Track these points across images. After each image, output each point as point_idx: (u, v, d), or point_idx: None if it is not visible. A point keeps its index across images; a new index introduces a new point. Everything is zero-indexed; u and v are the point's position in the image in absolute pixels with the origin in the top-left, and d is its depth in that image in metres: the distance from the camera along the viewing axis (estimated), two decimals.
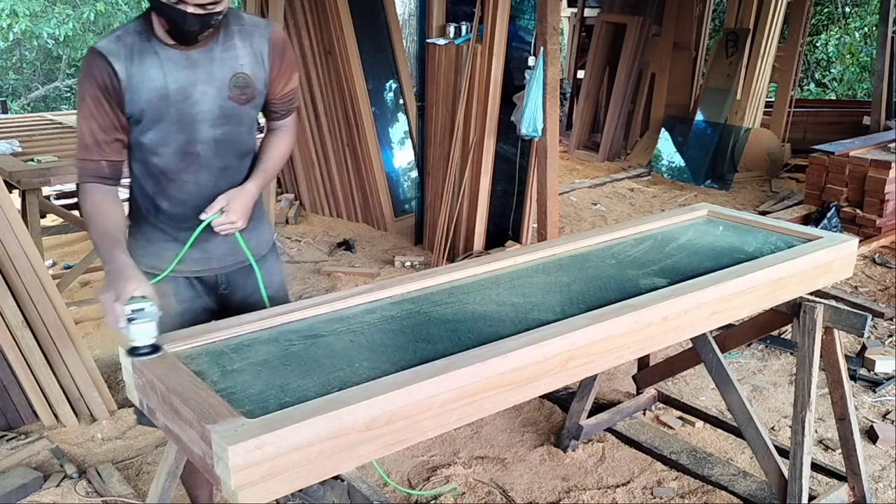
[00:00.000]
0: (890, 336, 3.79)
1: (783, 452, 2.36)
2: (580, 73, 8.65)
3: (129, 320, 1.52)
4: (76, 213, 5.18)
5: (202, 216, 1.84)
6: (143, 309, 1.52)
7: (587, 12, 8.70)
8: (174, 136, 1.83)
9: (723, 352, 2.43)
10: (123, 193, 1.87)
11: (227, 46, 1.83)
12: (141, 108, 1.78)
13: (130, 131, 1.82)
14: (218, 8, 1.70)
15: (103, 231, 1.75)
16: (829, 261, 2.22)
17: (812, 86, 12.06)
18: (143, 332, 1.54)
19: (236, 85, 1.85)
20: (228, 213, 1.85)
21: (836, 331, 2.27)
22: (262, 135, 2.06)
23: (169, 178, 1.88)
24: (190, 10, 1.66)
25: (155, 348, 1.55)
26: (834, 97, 11.54)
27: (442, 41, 4.67)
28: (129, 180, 1.95)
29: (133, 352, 1.54)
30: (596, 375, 2.68)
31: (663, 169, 7.46)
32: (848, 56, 11.57)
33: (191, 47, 1.78)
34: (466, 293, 1.94)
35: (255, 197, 1.92)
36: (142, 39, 1.77)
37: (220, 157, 1.89)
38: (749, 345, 3.66)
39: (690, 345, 2.47)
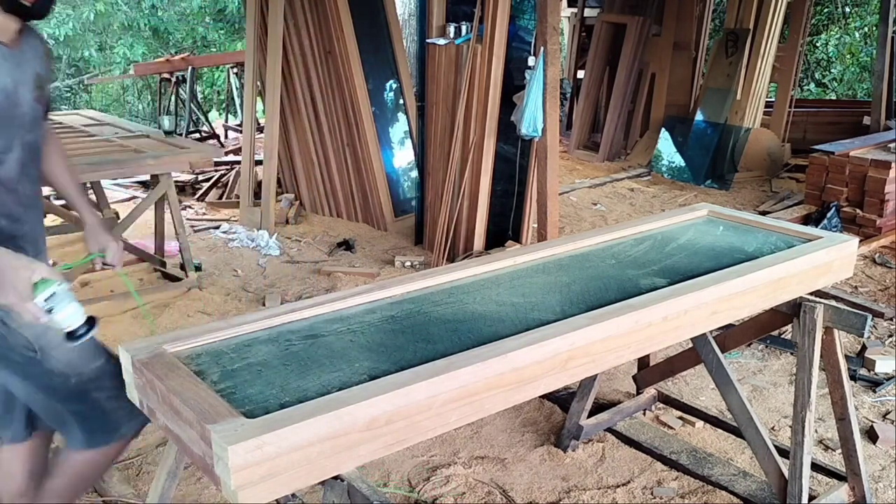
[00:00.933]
0: (890, 336, 3.79)
1: (783, 452, 2.36)
2: (580, 73, 8.66)
3: (49, 311, 1.40)
4: (76, 212, 5.18)
5: (90, 252, 1.81)
6: (53, 293, 1.39)
7: (587, 12, 8.71)
8: (12, 142, 1.66)
9: (723, 352, 2.42)
10: None
11: (29, 45, 1.71)
12: None
13: None
14: None
15: None
16: (829, 261, 2.22)
17: (812, 86, 12.07)
18: (71, 315, 1.43)
19: (38, 86, 1.73)
20: (109, 246, 1.87)
21: (836, 331, 2.27)
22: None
23: (9, 189, 1.68)
24: None
25: (90, 321, 1.45)
26: (834, 97, 11.55)
27: (442, 41, 4.67)
28: None
29: (72, 336, 1.43)
30: (596, 375, 2.68)
31: (663, 169, 7.46)
32: (848, 56, 11.57)
33: (13, 43, 1.63)
34: (466, 293, 1.94)
35: (97, 215, 1.88)
36: None
37: (35, 165, 1.76)
38: (749, 345, 3.66)
39: (690, 345, 2.47)
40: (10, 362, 1.72)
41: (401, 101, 5.72)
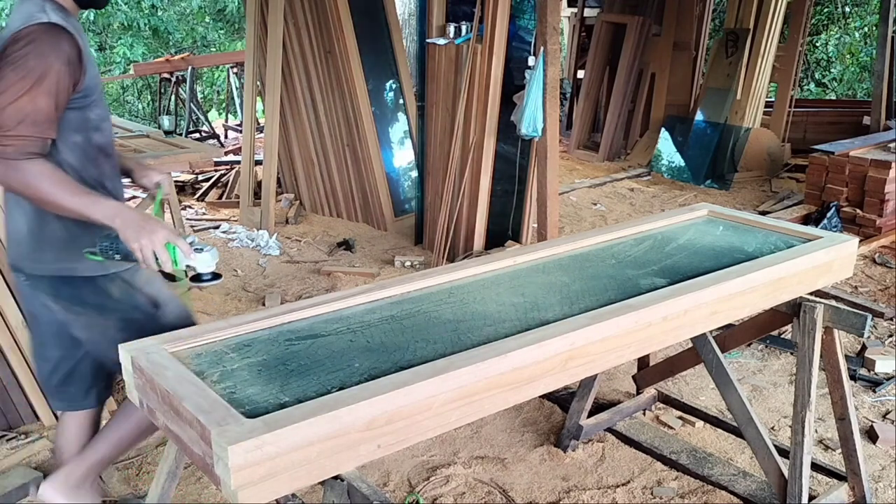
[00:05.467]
0: (890, 336, 3.79)
1: (783, 452, 2.36)
2: (580, 73, 8.66)
3: (197, 251, 1.66)
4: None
5: (155, 189, 1.99)
6: (193, 240, 1.66)
7: (587, 12, 8.71)
8: (106, 111, 1.85)
9: (723, 352, 2.42)
10: None
11: None
12: (90, 84, 1.76)
13: (80, 109, 1.77)
14: None
15: (85, 190, 1.71)
16: (829, 261, 2.22)
17: (812, 86, 12.07)
18: (208, 260, 1.67)
19: None
20: (165, 183, 2.02)
21: (836, 331, 2.27)
22: None
23: (107, 154, 1.87)
24: None
25: (216, 275, 1.68)
26: (834, 97, 11.55)
27: (442, 41, 4.67)
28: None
29: (197, 279, 1.65)
30: (596, 375, 2.68)
31: (663, 169, 7.46)
32: (848, 56, 11.58)
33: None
34: (466, 293, 1.94)
35: None
36: (66, 15, 1.74)
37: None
38: (749, 345, 3.66)
39: (690, 345, 2.47)
40: (130, 322, 1.89)
41: (401, 101, 5.72)
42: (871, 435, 2.93)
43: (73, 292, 1.86)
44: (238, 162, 6.38)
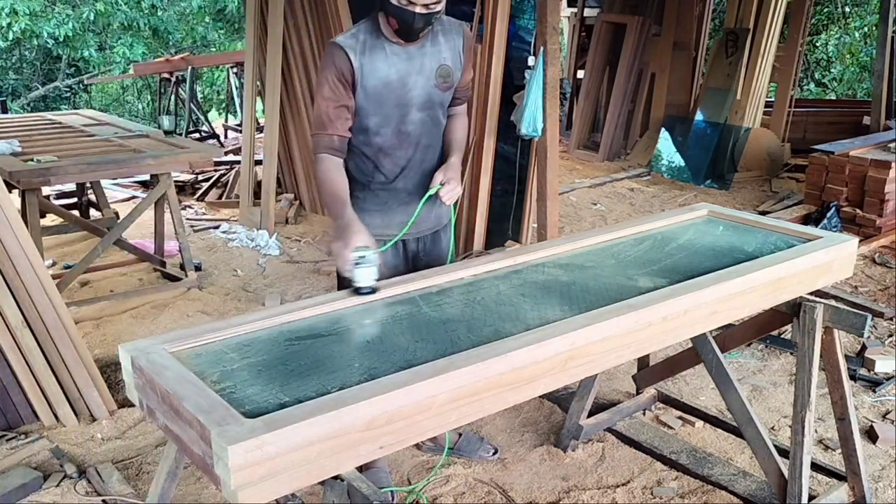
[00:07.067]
0: (890, 336, 3.79)
1: (783, 452, 2.36)
2: (580, 73, 8.65)
3: (356, 265, 1.88)
4: (76, 212, 5.18)
5: (432, 186, 2.20)
6: (365, 256, 1.88)
7: (587, 12, 8.71)
8: (392, 118, 2.20)
9: (723, 352, 2.42)
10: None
11: (434, 42, 2.21)
12: (367, 94, 2.14)
13: (356, 115, 2.18)
14: (438, 7, 2.06)
15: (333, 193, 2.13)
16: (829, 261, 2.22)
17: (812, 86, 12.08)
18: (366, 275, 1.88)
19: (440, 74, 2.23)
20: (449, 182, 2.19)
21: (835, 331, 2.26)
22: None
23: (385, 153, 2.26)
24: (417, 10, 2.02)
25: (373, 290, 1.89)
26: (834, 97, 11.55)
27: None
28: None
29: (357, 291, 1.88)
30: (596, 375, 2.68)
31: (663, 169, 7.46)
32: (848, 56, 11.58)
33: (409, 43, 2.14)
34: (466, 293, 1.94)
35: (460, 167, 2.30)
36: (372, 37, 2.15)
37: (424, 135, 2.28)
38: (749, 345, 3.66)
39: (690, 345, 2.47)
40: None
41: None
42: (871, 435, 2.93)
43: None
44: (238, 162, 6.38)
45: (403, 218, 2.28)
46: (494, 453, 2.78)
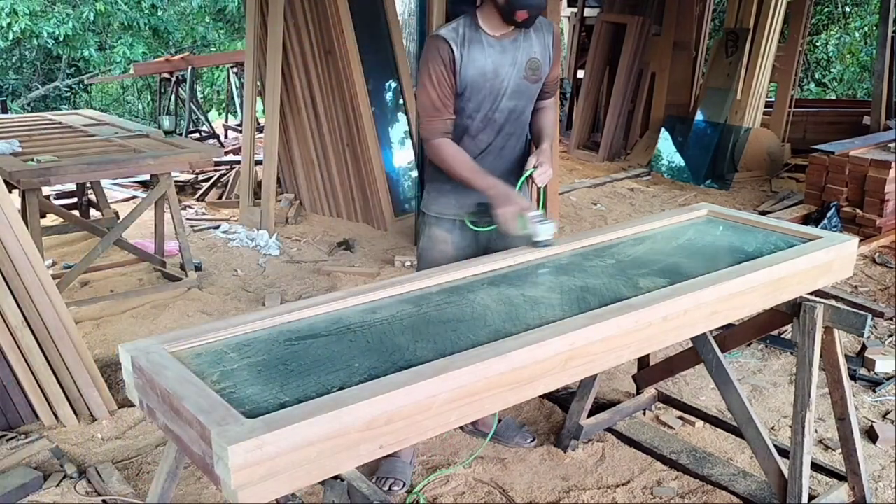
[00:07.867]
0: (890, 336, 3.79)
1: (783, 452, 2.36)
2: (580, 73, 8.66)
3: (539, 222, 2.16)
4: (76, 212, 5.18)
5: (527, 169, 2.33)
6: (539, 213, 2.17)
7: (587, 12, 8.72)
8: (484, 104, 2.34)
9: (723, 352, 2.42)
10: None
11: (525, 37, 2.34)
12: (467, 82, 2.28)
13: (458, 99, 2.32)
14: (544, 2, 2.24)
15: (472, 167, 2.31)
16: (829, 261, 2.22)
17: (812, 86, 12.08)
18: (548, 229, 2.17)
19: (530, 67, 2.36)
20: (542, 165, 2.33)
21: (836, 331, 2.26)
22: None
23: (470, 135, 2.39)
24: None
25: (550, 242, 2.18)
26: (834, 97, 11.55)
27: None
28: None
29: (537, 244, 2.17)
30: (596, 375, 2.68)
31: (663, 169, 7.46)
32: (848, 56, 11.58)
33: (504, 36, 2.29)
34: (466, 293, 1.94)
35: (551, 153, 2.43)
36: (471, 30, 2.28)
37: (509, 123, 2.41)
38: (749, 345, 3.66)
39: (690, 345, 2.47)
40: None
41: (401, 101, 5.71)
42: (871, 435, 2.93)
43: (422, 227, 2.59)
44: (238, 162, 6.38)
45: (477, 201, 2.38)
46: (532, 440, 2.82)
